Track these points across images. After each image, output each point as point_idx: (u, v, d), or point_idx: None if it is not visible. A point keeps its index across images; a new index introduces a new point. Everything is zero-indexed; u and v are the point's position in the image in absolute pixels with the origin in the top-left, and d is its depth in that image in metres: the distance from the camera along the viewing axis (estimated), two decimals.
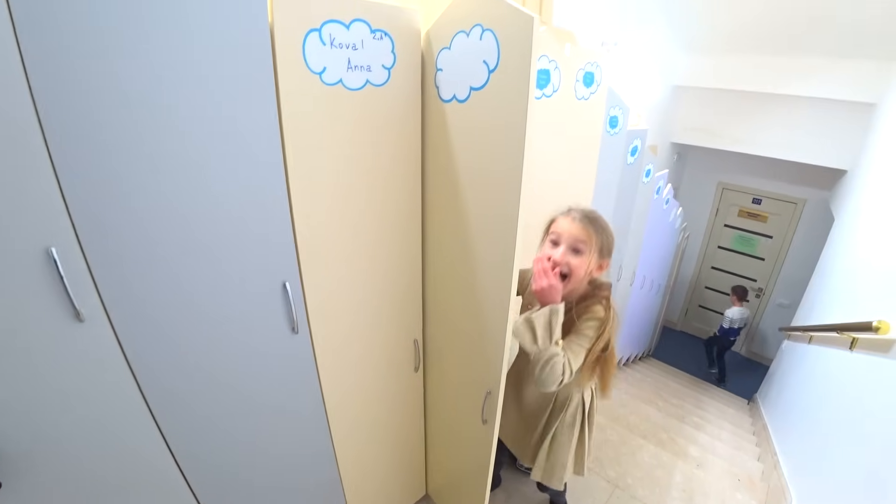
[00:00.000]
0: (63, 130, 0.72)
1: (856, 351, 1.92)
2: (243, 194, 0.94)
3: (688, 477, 2.26)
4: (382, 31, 1.02)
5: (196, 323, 0.97)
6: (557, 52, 1.50)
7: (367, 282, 1.26)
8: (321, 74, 0.96)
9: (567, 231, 1.16)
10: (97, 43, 0.70)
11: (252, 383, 1.12)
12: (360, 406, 1.41)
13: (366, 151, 1.11)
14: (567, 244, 1.15)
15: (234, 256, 0.97)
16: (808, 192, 4.87)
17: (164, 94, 0.79)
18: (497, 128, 0.97)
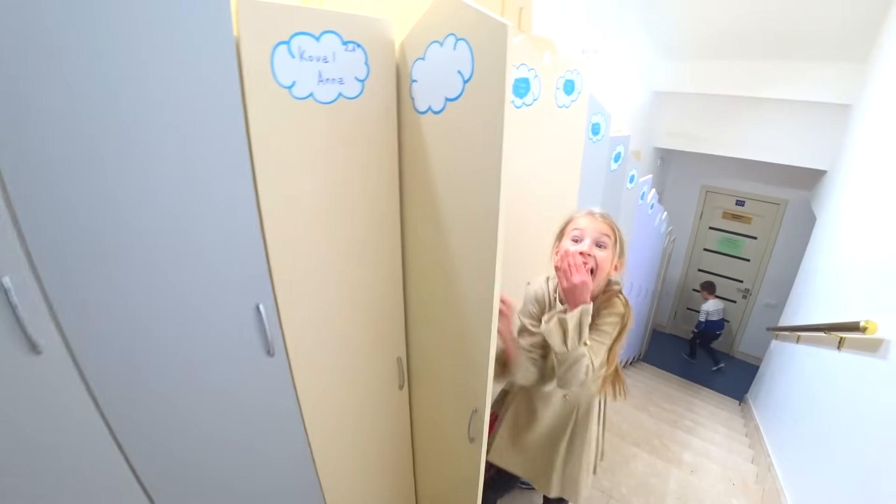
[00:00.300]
0: (16, 156, 0.68)
1: (844, 350, 1.92)
2: (210, 216, 0.90)
3: (682, 484, 2.23)
4: (355, 42, 0.99)
5: (164, 348, 0.92)
6: (537, 61, 1.49)
7: (346, 300, 1.22)
8: (291, 88, 0.93)
9: (591, 226, 1.16)
10: (47, 57, 0.67)
11: (226, 409, 1.07)
12: (343, 426, 1.37)
13: (340, 166, 1.07)
14: (592, 238, 1.15)
15: (202, 279, 0.93)
16: (790, 193, 4.94)
17: (124, 114, 0.75)
18: (474, 139, 0.94)
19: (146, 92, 0.77)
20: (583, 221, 1.18)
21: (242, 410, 1.10)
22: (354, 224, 1.16)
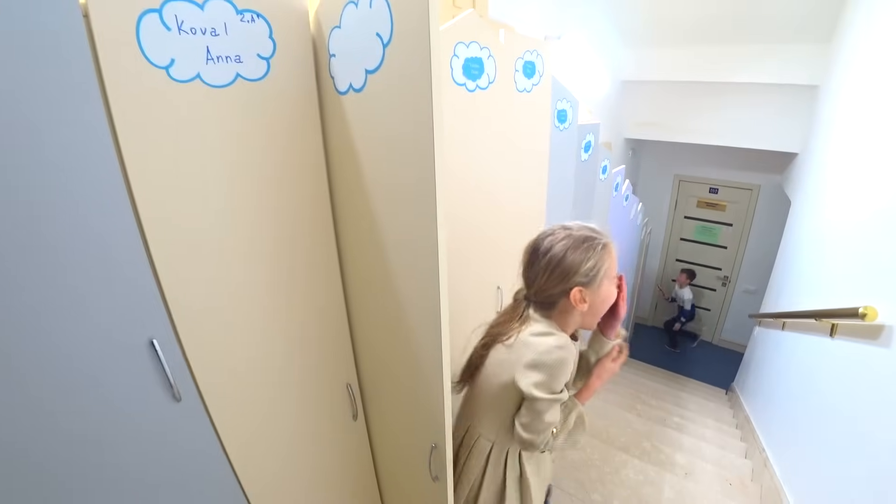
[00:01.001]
0: None
1: (837, 338, 1.80)
2: (74, 235, 0.70)
3: (678, 490, 2.09)
4: (253, 11, 0.80)
5: (38, 412, 0.71)
6: (491, 39, 1.33)
7: (272, 322, 1.02)
8: (168, 69, 0.74)
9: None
10: None
11: (136, 475, 0.86)
12: (290, 468, 1.17)
13: (248, 161, 0.88)
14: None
15: (69, 314, 0.72)
16: (762, 178, 4.91)
17: None
18: (400, 118, 0.75)
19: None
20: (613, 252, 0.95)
21: (156, 472, 0.88)
22: (276, 230, 0.96)
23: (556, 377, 0.90)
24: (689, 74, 4.11)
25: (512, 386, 0.92)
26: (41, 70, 0.62)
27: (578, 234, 0.92)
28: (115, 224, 0.74)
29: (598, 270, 0.91)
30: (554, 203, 1.97)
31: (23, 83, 0.61)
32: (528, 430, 0.92)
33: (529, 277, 0.95)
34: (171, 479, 0.91)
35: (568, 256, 0.89)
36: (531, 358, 0.89)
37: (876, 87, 2.03)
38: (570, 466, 2.19)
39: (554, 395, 0.90)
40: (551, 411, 0.91)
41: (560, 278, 0.90)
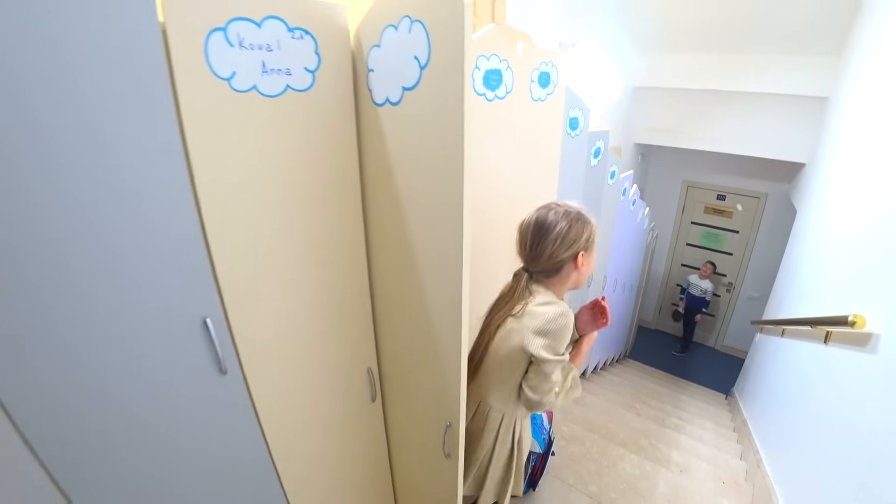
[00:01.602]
0: None
1: (830, 344, 1.88)
2: (143, 223, 0.80)
3: (672, 485, 2.18)
4: (302, 29, 0.90)
5: (102, 372, 0.81)
6: (510, 52, 1.42)
7: (307, 308, 1.13)
8: (230, 80, 0.84)
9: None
10: None
11: (181, 432, 0.97)
12: (313, 444, 1.27)
13: (294, 165, 0.98)
14: None
15: (138, 293, 0.83)
16: (770, 186, 4.96)
17: (35, 110, 0.65)
18: (434, 131, 0.86)
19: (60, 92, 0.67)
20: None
21: (197, 433, 1.00)
22: (313, 226, 1.07)
23: (561, 341, 1.04)
24: (700, 82, 4.16)
25: (519, 351, 1.06)
26: (125, 79, 0.73)
27: (573, 210, 1.07)
28: (182, 217, 0.85)
29: (592, 238, 1.09)
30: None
31: (110, 91, 0.72)
32: (537, 392, 1.07)
33: (538, 249, 1.07)
34: (210, 441, 1.03)
35: (573, 227, 1.05)
36: (538, 325, 1.03)
37: (882, 101, 2.10)
38: (569, 459, 2.29)
39: (559, 357, 1.05)
40: (556, 372, 1.06)
41: (569, 245, 1.05)
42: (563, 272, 1.09)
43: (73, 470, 0.82)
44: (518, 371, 1.10)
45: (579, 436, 2.50)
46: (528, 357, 1.06)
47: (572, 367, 1.17)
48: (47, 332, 0.74)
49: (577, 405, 3.03)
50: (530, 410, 1.16)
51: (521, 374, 1.10)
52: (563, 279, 1.10)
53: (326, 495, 1.36)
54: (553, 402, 1.10)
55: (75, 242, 0.74)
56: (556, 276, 1.10)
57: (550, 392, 1.08)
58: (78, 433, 0.82)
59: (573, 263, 1.07)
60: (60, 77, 0.67)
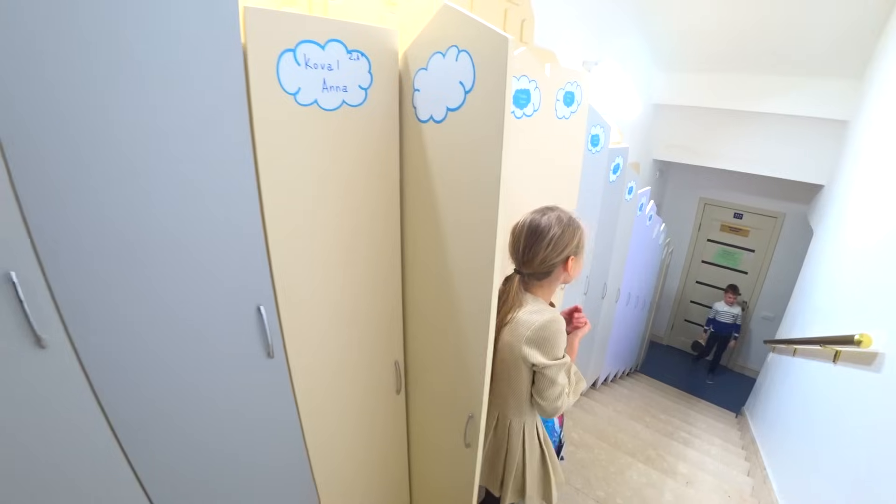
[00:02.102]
0: (25, 155, 0.69)
1: (839, 364, 1.93)
2: (215, 218, 0.92)
3: (678, 495, 2.23)
4: (359, 51, 1.01)
5: (166, 345, 0.93)
6: (538, 72, 1.52)
7: (345, 304, 1.23)
8: (296, 95, 0.95)
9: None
10: (57, 56, 0.69)
11: (225, 408, 1.08)
12: (340, 430, 1.37)
13: (342, 172, 1.09)
14: None
15: (206, 280, 0.94)
16: (787, 207, 4.97)
17: (132, 113, 0.77)
18: (474, 148, 0.96)
19: (153, 94, 0.79)
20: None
21: (241, 410, 1.11)
22: (355, 230, 1.18)
23: (557, 345, 1.09)
24: (721, 101, 4.21)
25: (519, 362, 1.12)
26: (211, 91, 0.85)
27: (565, 215, 1.13)
28: (248, 214, 0.96)
29: (581, 242, 1.15)
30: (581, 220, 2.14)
31: (199, 103, 0.84)
32: (549, 399, 1.12)
33: (531, 253, 1.11)
34: (252, 416, 1.14)
35: (566, 232, 1.10)
36: (530, 335, 1.08)
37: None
38: (578, 464, 2.36)
39: (559, 361, 1.10)
40: (561, 374, 1.11)
41: (560, 250, 1.10)
42: (554, 275, 1.14)
43: (134, 433, 0.94)
44: (524, 381, 1.15)
45: (589, 443, 2.56)
46: (531, 367, 1.11)
47: (572, 363, 1.20)
48: (132, 316, 0.86)
49: (588, 413, 3.09)
50: (548, 417, 1.21)
51: (529, 382, 1.15)
52: (552, 281, 1.16)
53: (349, 475, 1.47)
54: (567, 402, 1.15)
55: (155, 237, 0.86)
56: (546, 279, 1.15)
57: (561, 395, 1.12)
58: (143, 403, 0.93)
59: (563, 266, 1.13)
60: (169, 87, 0.79)
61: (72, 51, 0.69)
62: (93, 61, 0.71)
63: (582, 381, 1.22)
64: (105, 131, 0.76)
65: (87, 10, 0.69)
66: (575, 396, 1.19)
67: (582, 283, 2.60)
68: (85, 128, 0.73)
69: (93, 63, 0.71)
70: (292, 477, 1.30)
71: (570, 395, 1.16)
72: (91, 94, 0.73)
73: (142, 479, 0.96)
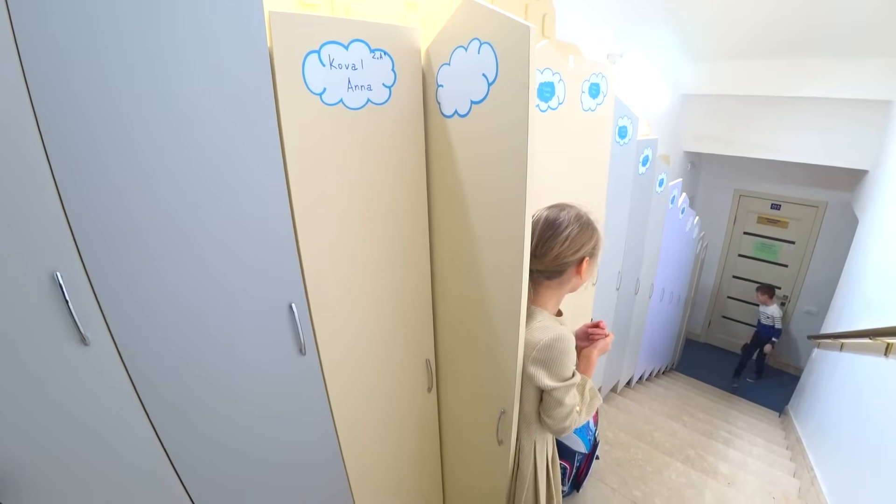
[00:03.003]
0: (67, 151, 0.73)
1: (891, 357, 1.82)
2: (247, 217, 0.94)
3: (718, 496, 2.16)
4: (382, 50, 1.02)
5: (202, 346, 0.96)
6: (562, 65, 1.50)
7: (375, 302, 1.24)
8: (321, 95, 0.97)
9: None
10: (98, 63, 0.72)
11: (260, 403, 1.11)
12: (372, 427, 1.39)
13: (369, 170, 1.11)
14: None
15: (239, 279, 0.97)
16: (829, 195, 4.75)
17: (167, 117, 0.80)
18: (499, 141, 0.96)
19: (187, 98, 0.82)
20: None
21: (275, 405, 1.14)
22: (384, 227, 1.19)
23: (564, 365, 1.03)
24: (752, 88, 4.05)
25: (527, 381, 1.07)
26: (240, 94, 0.87)
27: (583, 214, 1.07)
28: (278, 214, 0.99)
29: (598, 246, 1.08)
30: (610, 214, 2.11)
31: (230, 108, 0.86)
32: (556, 419, 1.06)
33: (545, 247, 1.04)
34: (286, 412, 1.16)
35: (584, 232, 1.04)
36: (536, 355, 1.03)
37: None
38: (613, 463, 2.31)
39: (567, 382, 1.04)
40: (569, 395, 1.04)
41: (576, 249, 1.03)
42: (566, 275, 1.07)
43: (172, 428, 0.97)
44: (532, 400, 1.11)
45: (624, 442, 2.50)
46: (537, 386, 1.06)
47: (585, 380, 1.12)
48: (168, 314, 0.89)
49: (622, 412, 3.02)
50: (556, 435, 1.16)
51: (536, 402, 1.11)
52: (563, 283, 1.08)
53: (382, 472, 1.48)
54: (578, 420, 1.08)
55: (189, 237, 0.89)
56: (557, 279, 1.08)
57: (571, 414, 1.06)
58: (180, 398, 0.97)
59: (576, 268, 1.06)
60: (201, 95, 0.82)
61: (115, 64, 0.73)
62: (134, 74, 0.75)
63: (597, 397, 1.15)
64: (143, 138, 0.79)
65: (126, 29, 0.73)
66: (588, 414, 1.12)
67: (614, 279, 2.55)
68: (124, 134, 0.77)
69: (135, 75, 0.75)
70: (325, 473, 1.31)
71: (581, 412, 1.09)
72: (131, 103, 0.76)
73: (180, 473, 1.00)
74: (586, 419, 1.13)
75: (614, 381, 3.23)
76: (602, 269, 2.32)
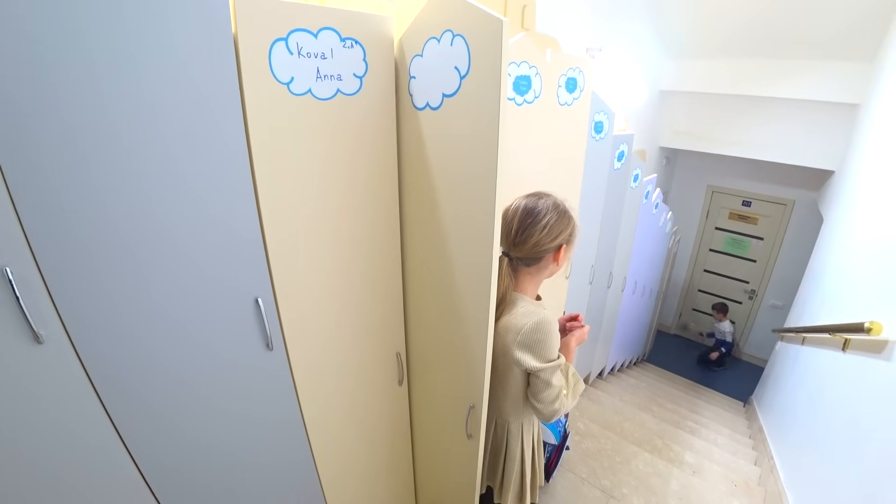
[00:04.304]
0: (13, 144, 0.68)
1: (848, 352, 1.90)
2: (211, 209, 0.91)
3: (684, 484, 2.23)
4: (353, 39, 0.99)
5: (165, 338, 0.93)
6: (539, 59, 1.49)
7: (344, 295, 1.22)
8: (289, 85, 0.94)
9: None
10: (40, 57, 0.68)
11: (226, 401, 1.08)
12: (342, 421, 1.37)
13: (339, 162, 1.08)
14: None
15: (203, 273, 0.94)
16: (797, 193, 4.90)
17: (121, 106, 0.76)
18: (470, 135, 0.94)
19: (144, 87, 0.77)
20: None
21: (242, 402, 1.11)
22: (354, 219, 1.16)
23: (549, 347, 1.06)
24: (728, 87, 4.14)
25: (514, 366, 1.09)
26: (202, 82, 0.83)
27: (560, 203, 1.10)
28: (243, 206, 0.95)
29: (574, 233, 1.11)
30: (584, 209, 2.12)
31: (191, 95, 0.82)
32: (545, 402, 1.09)
33: (524, 235, 1.06)
34: (254, 408, 1.14)
35: (562, 219, 1.08)
36: (521, 339, 1.06)
37: None
38: (584, 454, 2.36)
39: (553, 363, 1.07)
40: (556, 376, 1.08)
41: (554, 236, 1.07)
42: (543, 262, 1.10)
43: (135, 426, 0.94)
44: (520, 383, 1.14)
45: (594, 432, 2.56)
46: (524, 370, 1.09)
47: (569, 364, 1.18)
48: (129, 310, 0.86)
49: (594, 403, 3.08)
50: (546, 420, 1.18)
51: (523, 385, 1.14)
52: (541, 269, 1.12)
53: (352, 466, 1.47)
54: (566, 404, 1.12)
55: (149, 230, 0.85)
56: (535, 265, 1.11)
57: (558, 398, 1.09)
58: (143, 396, 0.93)
59: (554, 255, 1.10)
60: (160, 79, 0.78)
61: (59, 39, 0.68)
62: (80, 51, 0.70)
63: (580, 381, 1.19)
64: (96, 125, 0.75)
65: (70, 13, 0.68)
66: (574, 398, 1.16)
67: (587, 273, 2.58)
68: (75, 121, 0.73)
69: (80, 53, 0.70)
70: (295, 467, 1.30)
71: (568, 396, 1.13)
72: (80, 86, 0.72)
73: (144, 473, 0.97)
74: (573, 403, 1.16)
75: (587, 373, 3.29)
76: (575, 263, 2.35)
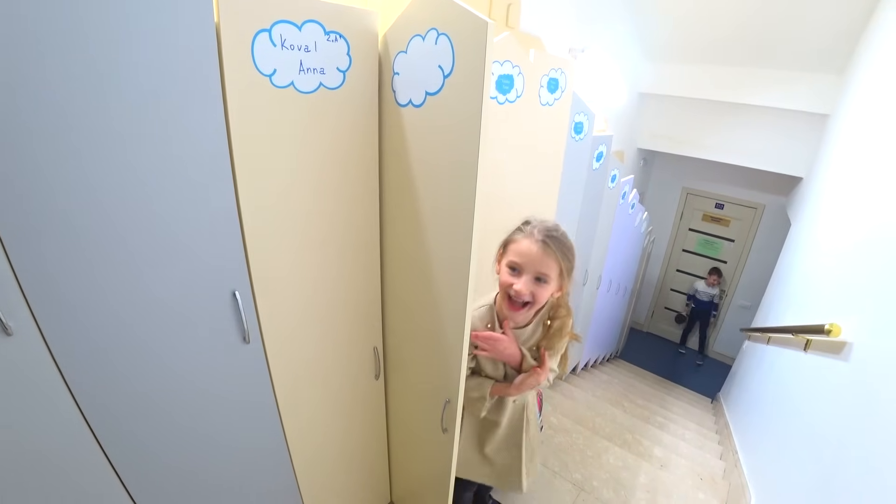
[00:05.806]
0: None
1: (810, 352, 1.98)
2: (188, 201, 0.90)
3: (652, 478, 2.29)
4: (337, 32, 0.99)
5: (139, 331, 0.92)
6: (522, 58, 1.50)
7: (322, 289, 1.22)
8: (271, 77, 0.93)
9: (529, 259, 1.06)
10: (18, 44, 0.66)
11: (202, 394, 1.07)
12: (317, 414, 1.37)
13: (320, 156, 1.07)
14: (531, 275, 1.07)
15: (178, 264, 0.92)
16: (767, 198, 5.06)
17: (99, 97, 0.74)
18: (452, 134, 0.95)
19: (123, 76, 0.76)
20: (523, 246, 1.07)
21: (218, 395, 1.10)
22: (334, 214, 1.16)
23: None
24: (706, 92, 4.24)
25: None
26: (183, 73, 0.82)
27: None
28: (222, 199, 0.94)
29: (506, 244, 1.14)
30: (562, 208, 2.16)
31: (171, 84, 0.81)
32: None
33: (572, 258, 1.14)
34: (230, 399, 1.13)
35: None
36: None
37: (872, 120, 2.19)
38: (556, 448, 2.40)
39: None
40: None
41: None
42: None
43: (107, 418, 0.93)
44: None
45: (566, 427, 2.61)
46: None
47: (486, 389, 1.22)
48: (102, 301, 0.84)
49: (567, 398, 3.14)
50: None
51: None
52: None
53: (328, 460, 1.48)
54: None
55: (125, 220, 0.84)
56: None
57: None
58: (115, 388, 0.92)
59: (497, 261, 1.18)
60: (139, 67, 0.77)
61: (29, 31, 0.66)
62: (55, 39, 0.69)
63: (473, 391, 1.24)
64: (71, 112, 0.73)
65: None
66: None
67: None
68: (49, 110, 0.71)
69: (55, 41, 0.69)
70: (270, 460, 1.30)
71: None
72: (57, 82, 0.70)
73: (115, 465, 0.95)
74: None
75: None
76: None
